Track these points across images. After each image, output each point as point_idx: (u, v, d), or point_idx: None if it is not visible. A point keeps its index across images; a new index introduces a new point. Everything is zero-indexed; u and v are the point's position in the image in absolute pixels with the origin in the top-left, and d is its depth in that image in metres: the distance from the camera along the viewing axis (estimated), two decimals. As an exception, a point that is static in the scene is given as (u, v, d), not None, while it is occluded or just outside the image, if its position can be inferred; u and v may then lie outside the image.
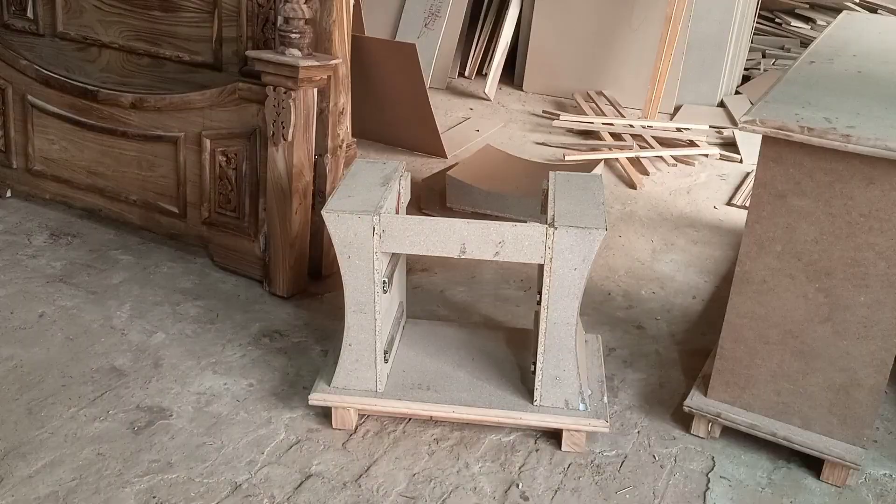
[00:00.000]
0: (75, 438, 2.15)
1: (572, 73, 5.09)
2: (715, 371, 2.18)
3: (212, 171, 2.88)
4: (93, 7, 3.12)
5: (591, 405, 2.16)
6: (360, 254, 2.07)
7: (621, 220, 3.53)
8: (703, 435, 2.23)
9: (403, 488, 2.04)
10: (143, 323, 2.65)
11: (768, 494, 2.06)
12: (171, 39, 2.99)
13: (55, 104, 3.17)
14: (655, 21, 4.79)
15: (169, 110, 2.90)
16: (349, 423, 2.22)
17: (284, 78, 2.58)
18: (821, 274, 1.96)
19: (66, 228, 3.22)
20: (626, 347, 2.64)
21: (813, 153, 1.87)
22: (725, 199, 3.84)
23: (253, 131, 2.74)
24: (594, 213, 2.05)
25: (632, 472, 2.11)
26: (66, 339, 2.56)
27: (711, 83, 4.99)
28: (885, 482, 2.12)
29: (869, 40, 2.72)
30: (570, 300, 2.05)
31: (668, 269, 3.16)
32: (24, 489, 1.98)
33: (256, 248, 2.86)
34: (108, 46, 3.14)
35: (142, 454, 2.10)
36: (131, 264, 3.00)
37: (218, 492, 2.00)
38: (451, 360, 2.33)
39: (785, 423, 2.13)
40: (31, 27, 3.29)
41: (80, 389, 2.33)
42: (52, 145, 3.25)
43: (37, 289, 2.81)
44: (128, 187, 3.12)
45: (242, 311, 2.74)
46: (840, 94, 2.07)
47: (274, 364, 2.48)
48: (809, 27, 5.44)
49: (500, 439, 2.20)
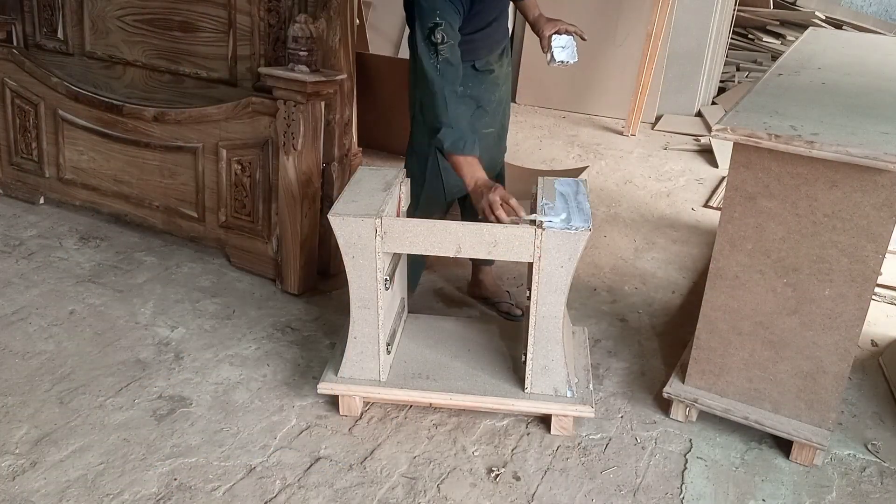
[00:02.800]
0: (102, 426, 2.15)
1: (561, 87, 5.09)
2: (692, 360, 2.18)
3: (228, 179, 2.89)
4: (118, 28, 3.12)
5: (577, 392, 2.16)
6: (364, 254, 2.07)
7: (606, 222, 3.52)
8: (681, 419, 2.23)
9: (405, 469, 2.04)
10: (165, 319, 2.66)
11: (741, 473, 2.06)
12: (190, 58, 2.99)
13: (84, 118, 3.17)
14: (638, 37, 4.78)
15: (188, 123, 2.90)
16: (355, 410, 2.22)
17: (294, 92, 2.58)
18: (788, 270, 1.96)
19: (94, 232, 3.23)
20: (610, 339, 2.64)
21: (780, 158, 1.87)
22: (702, 201, 3.83)
23: (265, 142, 2.74)
24: (579, 214, 2.05)
25: (615, 453, 2.11)
26: (94, 334, 2.56)
27: (689, 94, 4.98)
28: (850, 461, 2.12)
29: (833, 54, 2.72)
30: (557, 295, 2.05)
31: (650, 266, 3.16)
32: (55, 472, 1.98)
33: (269, 249, 2.86)
34: (132, 64, 3.15)
35: (164, 440, 2.10)
36: (154, 265, 3.00)
37: (234, 474, 2.00)
38: (448, 351, 2.33)
39: (756, 408, 2.12)
40: (62, 47, 3.30)
41: (107, 380, 2.34)
42: (81, 156, 3.26)
43: (67, 288, 2.82)
44: (151, 194, 3.12)
45: (257, 308, 2.74)
46: (805, 104, 2.07)
47: (286, 356, 2.48)
48: (780, 42, 5.43)
49: (494, 424, 2.20)
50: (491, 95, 2.42)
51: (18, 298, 2.74)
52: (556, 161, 4.27)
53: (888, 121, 1.95)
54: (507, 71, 2.50)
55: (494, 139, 2.52)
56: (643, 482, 2.02)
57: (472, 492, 1.97)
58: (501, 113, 2.53)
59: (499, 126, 2.54)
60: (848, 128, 1.88)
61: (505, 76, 2.49)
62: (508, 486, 1.99)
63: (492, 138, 2.49)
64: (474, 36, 2.26)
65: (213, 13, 2.88)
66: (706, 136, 4.64)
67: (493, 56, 2.39)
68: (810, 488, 2.02)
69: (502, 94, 2.50)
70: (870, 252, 1.86)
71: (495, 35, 2.37)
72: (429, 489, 1.97)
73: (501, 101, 2.51)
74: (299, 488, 1.96)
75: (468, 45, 2.24)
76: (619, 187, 3.94)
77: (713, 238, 2.15)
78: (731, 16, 5.23)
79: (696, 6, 4.79)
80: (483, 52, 2.34)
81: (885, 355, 2.56)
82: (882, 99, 2.17)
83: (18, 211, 3.38)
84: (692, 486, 2.01)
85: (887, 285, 2.94)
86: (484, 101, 2.40)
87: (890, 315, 2.82)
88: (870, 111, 2.03)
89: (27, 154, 3.38)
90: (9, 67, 3.29)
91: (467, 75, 2.30)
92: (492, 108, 2.44)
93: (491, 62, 2.38)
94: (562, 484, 2.00)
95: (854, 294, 1.91)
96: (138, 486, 1.94)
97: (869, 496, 2.00)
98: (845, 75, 2.42)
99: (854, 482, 2.04)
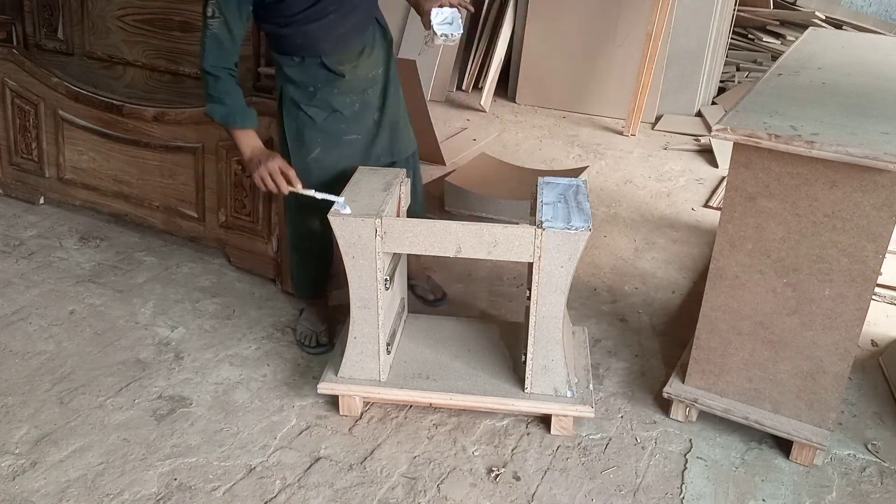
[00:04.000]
0: (102, 426, 2.15)
1: (561, 87, 5.08)
2: (692, 360, 2.18)
3: (228, 179, 2.88)
4: (118, 28, 3.12)
5: (577, 392, 2.16)
6: (364, 254, 2.06)
7: (606, 222, 3.52)
8: (681, 419, 2.23)
9: (405, 469, 2.03)
10: (165, 319, 2.66)
11: (741, 473, 2.06)
12: (190, 58, 2.99)
13: (84, 118, 3.17)
14: (638, 38, 4.78)
15: (188, 123, 2.90)
16: (355, 410, 2.22)
17: (294, 92, 2.57)
18: (788, 270, 1.96)
19: (94, 232, 3.23)
20: (610, 339, 2.64)
21: (780, 158, 1.87)
22: (702, 201, 3.83)
23: (266, 142, 2.73)
24: (579, 214, 2.05)
25: (615, 453, 2.11)
26: (94, 334, 2.56)
27: (690, 94, 4.98)
28: (850, 461, 2.12)
29: (833, 54, 2.72)
30: (557, 295, 2.05)
31: (650, 266, 3.16)
32: (55, 472, 1.98)
33: (270, 249, 2.86)
34: (132, 64, 3.15)
35: (164, 440, 2.10)
36: (154, 265, 3.00)
37: (234, 474, 2.00)
38: (448, 351, 2.33)
39: (757, 408, 2.12)
40: (62, 47, 3.30)
41: (107, 380, 2.34)
42: (81, 156, 3.26)
43: (67, 288, 2.82)
44: (151, 194, 3.12)
45: (257, 308, 2.74)
46: (805, 104, 2.07)
47: (286, 356, 2.48)
48: (779, 42, 5.42)
49: (494, 424, 2.20)
50: (345, 99, 2.26)
51: (18, 298, 2.74)
52: (556, 161, 4.27)
53: (888, 121, 1.95)
54: (374, 75, 2.31)
55: (365, 144, 2.35)
56: (643, 482, 2.02)
57: (472, 492, 1.97)
58: (373, 117, 2.35)
59: (371, 131, 2.35)
60: (848, 128, 1.88)
61: (370, 79, 2.30)
62: (508, 486, 1.99)
63: (359, 144, 2.33)
64: (308, 28, 2.13)
65: (213, 13, 2.87)
66: (706, 136, 4.64)
67: (345, 55, 2.22)
68: (810, 488, 2.02)
69: (369, 98, 2.31)
70: (870, 252, 1.86)
71: (340, 30, 2.18)
72: (429, 489, 1.97)
73: (369, 107, 2.32)
74: (299, 488, 1.96)
75: (303, 38, 2.16)
76: (619, 187, 3.94)
77: (713, 238, 2.15)
78: (731, 16, 5.23)
79: (696, 6, 4.79)
80: (327, 48, 2.18)
81: (885, 355, 2.56)
82: (882, 99, 2.16)
83: (18, 211, 3.38)
84: (692, 486, 2.01)
85: (887, 285, 2.94)
86: (337, 105, 2.25)
87: (890, 315, 2.82)
88: (870, 111, 2.03)
89: (27, 154, 3.38)
90: (9, 67, 3.29)
91: (317, 75, 2.21)
92: (352, 114, 2.29)
93: (342, 61, 2.22)
94: (562, 484, 2.00)
95: (854, 294, 1.91)
96: (138, 486, 1.94)
97: (869, 496, 2.00)
98: (845, 75, 2.42)
99: (854, 482, 2.04)
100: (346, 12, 2.17)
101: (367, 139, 2.36)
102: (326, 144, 2.28)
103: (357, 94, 2.29)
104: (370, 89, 2.32)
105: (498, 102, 5.24)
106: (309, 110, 2.25)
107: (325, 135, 2.27)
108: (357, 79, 2.28)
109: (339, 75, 2.24)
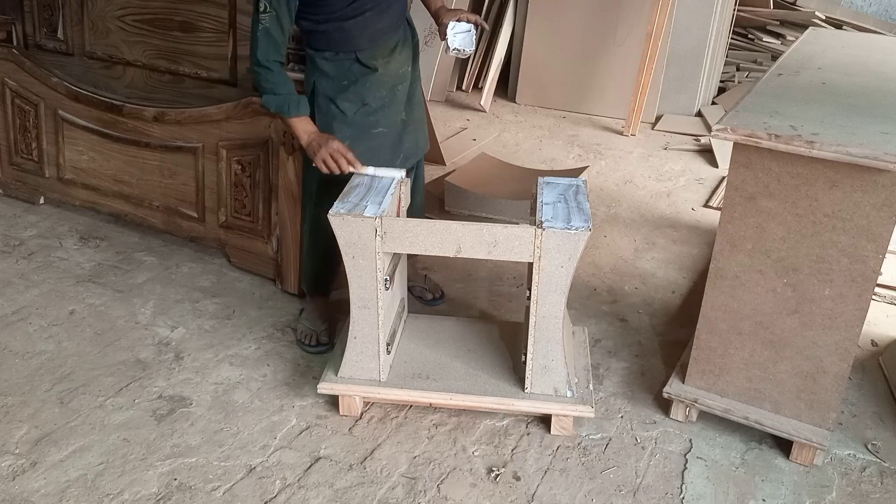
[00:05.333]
0: (102, 426, 2.15)
1: (561, 87, 5.08)
2: (692, 360, 2.18)
3: (228, 179, 2.88)
4: (118, 28, 3.12)
5: (577, 392, 2.16)
6: (364, 254, 2.06)
7: (606, 222, 3.52)
8: (681, 419, 2.23)
9: (405, 469, 2.03)
10: (165, 319, 2.65)
11: (742, 473, 2.06)
12: (190, 58, 2.99)
13: (84, 118, 3.17)
14: (638, 37, 4.78)
15: (188, 123, 2.90)
16: (355, 410, 2.22)
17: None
18: (788, 270, 1.96)
19: (94, 232, 3.23)
20: (610, 339, 2.64)
21: (780, 158, 1.87)
22: (703, 201, 3.83)
23: (266, 141, 2.74)
24: (579, 214, 2.05)
25: (615, 453, 2.11)
26: (94, 334, 2.56)
27: (690, 94, 4.98)
28: (850, 461, 2.12)
29: (833, 54, 2.72)
30: (557, 295, 2.05)
31: (650, 266, 3.16)
32: (55, 472, 1.98)
33: (270, 249, 2.86)
34: (132, 64, 3.15)
35: (164, 440, 2.10)
36: (154, 265, 3.00)
37: (234, 474, 2.00)
38: (448, 351, 2.33)
39: (757, 408, 2.12)
40: (62, 47, 3.30)
41: (107, 380, 2.34)
42: (81, 156, 3.25)
43: (67, 288, 2.82)
44: (151, 194, 3.12)
45: (257, 308, 2.74)
46: (805, 104, 2.07)
47: (286, 356, 2.48)
48: (780, 42, 5.42)
49: (494, 424, 2.20)
50: (376, 93, 2.33)
51: (18, 298, 2.74)
52: (556, 161, 4.27)
53: (888, 121, 1.95)
54: (403, 71, 2.39)
55: (393, 140, 2.41)
56: (643, 482, 2.02)
57: (472, 492, 1.97)
58: (401, 114, 2.41)
59: (398, 127, 2.41)
60: (848, 128, 1.88)
61: (400, 75, 2.38)
62: (508, 486, 1.99)
63: (386, 138, 2.39)
64: (345, 24, 2.23)
65: (213, 13, 2.87)
66: (706, 136, 4.64)
67: (379, 51, 2.30)
68: (810, 488, 2.02)
69: (398, 94, 2.38)
70: (870, 252, 1.86)
71: (376, 26, 2.27)
72: (429, 489, 1.97)
73: (397, 101, 2.39)
74: (299, 488, 1.96)
75: (340, 34, 2.24)
76: (619, 187, 3.94)
77: (713, 238, 2.15)
78: (731, 16, 5.23)
79: (696, 6, 4.79)
80: (362, 43, 2.27)
81: (885, 355, 2.56)
82: (882, 99, 2.17)
83: (18, 211, 3.38)
84: (692, 486, 2.01)
85: (887, 285, 2.94)
86: (369, 98, 2.32)
87: (890, 315, 2.82)
88: (870, 111, 2.03)
89: (27, 154, 3.38)
90: (9, 67, 3.29)
91: (351, 69, 2.29)
92: (381, 108, 2.35)
93: (376, 57, 2.30)
94: (562, 484, 2.00)
95: (854, 294, 1.91)
96: (138, 486, 1.94)
97: (869, 496, 2.00)
98: (845, 75, 2.42)
99: (854, 482, 2.04)
100: (382, 10, 2.27)
101: (395, 135, 2.43)
102: (356, 137, 2.33)
103: (387, 90, 2.37)
104: (399, 86, 2.40)
105: (498, 102, 5.24)
106: (341, 104, 2.31)
107: (355, 128, 2.33)
108: (388, 74, 2.35)
109: (372, 70, 2.31)
